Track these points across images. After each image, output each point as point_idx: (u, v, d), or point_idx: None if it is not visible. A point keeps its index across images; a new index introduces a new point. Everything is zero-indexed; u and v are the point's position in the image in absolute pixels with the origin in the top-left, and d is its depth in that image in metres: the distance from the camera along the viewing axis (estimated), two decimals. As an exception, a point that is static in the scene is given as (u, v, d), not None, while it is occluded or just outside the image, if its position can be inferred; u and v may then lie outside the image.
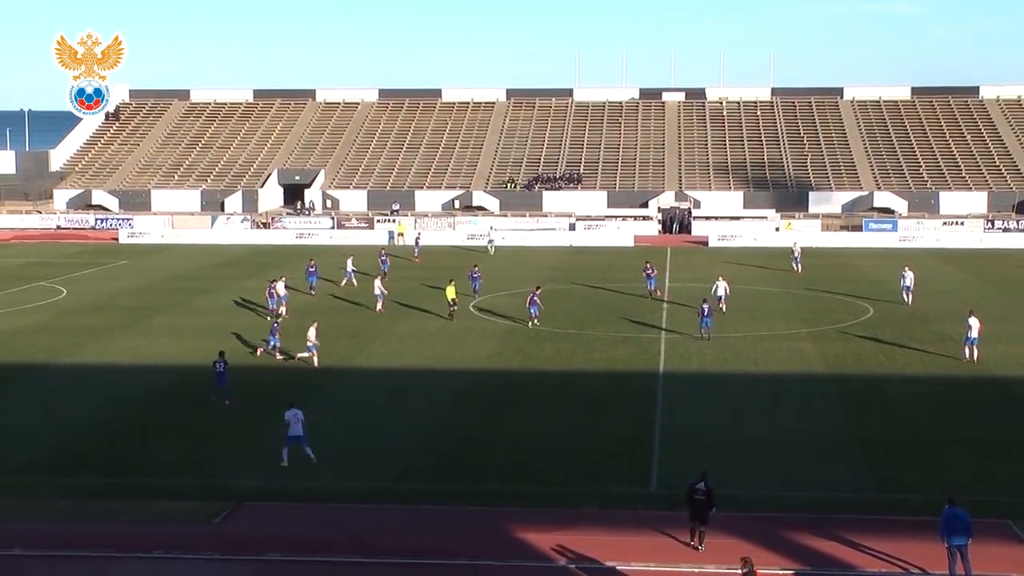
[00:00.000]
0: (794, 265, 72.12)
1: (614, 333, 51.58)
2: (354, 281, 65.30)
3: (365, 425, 36.75)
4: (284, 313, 55.30)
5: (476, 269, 63.57)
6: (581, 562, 25.55)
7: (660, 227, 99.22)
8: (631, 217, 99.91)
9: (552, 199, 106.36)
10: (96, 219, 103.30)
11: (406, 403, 39.56)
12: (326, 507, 29.31)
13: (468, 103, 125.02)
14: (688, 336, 50.50)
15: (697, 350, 47.89)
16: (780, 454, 33.59)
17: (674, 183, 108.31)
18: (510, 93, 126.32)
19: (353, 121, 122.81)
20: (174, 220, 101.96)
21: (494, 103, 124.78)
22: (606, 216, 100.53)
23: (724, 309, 55.56)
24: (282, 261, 75.78)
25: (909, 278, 59.95)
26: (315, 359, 44.42)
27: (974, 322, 45.38)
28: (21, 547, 26.54)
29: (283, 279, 59.03)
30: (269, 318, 54.11)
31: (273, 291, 56.07)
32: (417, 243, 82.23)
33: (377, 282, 58.53)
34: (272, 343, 46.41)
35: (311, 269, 63.84)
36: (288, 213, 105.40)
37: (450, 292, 55.34)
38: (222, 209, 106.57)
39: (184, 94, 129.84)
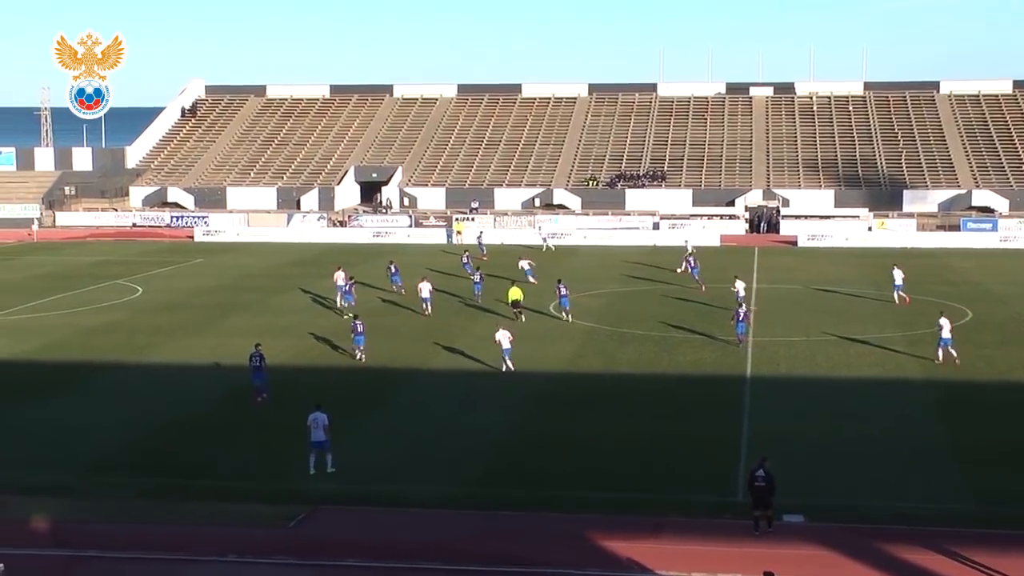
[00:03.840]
0: (684, 266, 68.53)
1: (699, 335, 51.18)
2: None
3: (443, 429, 36.82)
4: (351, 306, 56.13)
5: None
6: (664, 573, 25.33)
7: (747, 226, 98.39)
8: (717, 216, 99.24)
9: (635, 197, 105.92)
10: (172, 217, 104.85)
11: (485, 406, 39.56)
12: (403, 512, 29.37)
13: (549, 99, 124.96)
14: (778, 341, 50.03)
15: (786, 354, 47.40)
16: (873, 463, 33.09)
17: (762, 181, 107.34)
18: (592, 88, 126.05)
19: (431, 117, 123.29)
20: (250, 218, 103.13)
21: (576, 98, 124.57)
22: (691, 215, 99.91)
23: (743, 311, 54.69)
24: (359, 260, 76.17)
25: (899, 277, 59.45)
26: (506, 363, 43.88)
27: (945, 323, 45.14)
28: (97, 549, 26.95)
29: (340, 269, 60.43)
30: (346, 316, 54.72)
31: (352, 286, 57.77)
32: (480, 242, 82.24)
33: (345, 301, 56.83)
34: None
35: (394, 271, 63.91)
36: (365, 211, 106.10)
37: (513, 294, 54.94)
38: (298, 207, 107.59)
39: (260, 90, 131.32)
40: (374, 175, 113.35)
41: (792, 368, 45.25)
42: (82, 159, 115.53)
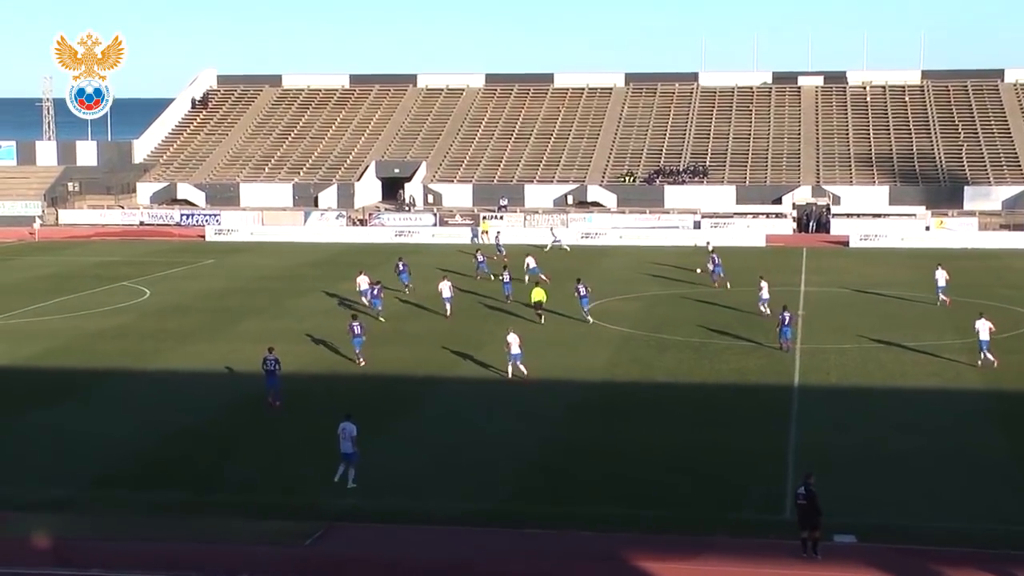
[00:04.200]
0: (709, 268, 67.89)
1: (743, 341, 51.02)
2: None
3: (468, 440, 36.82)
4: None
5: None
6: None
7: (795, 225, 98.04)
8: (763, 214, 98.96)
9: (675, 194, 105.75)
10: (181, 214, 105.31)
11: (513, 416, 39.52)
12: (426, 529, 29.37)
13: (583, 89, 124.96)
14: (828, 348, 49.84)
15: (837, 361, 47.19)
16: (930, 479, 32.89)
17: (811, 177, 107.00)
18: (629, 78, 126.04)
19: (457, 109, 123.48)
20: (264, 216, 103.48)
21: (611, 89, 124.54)
22: (735, 213, 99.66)
23: (767, 312, 55.34)
24: (380, 260, 76.23)
25: (942, 278, 59.92)
26: (510, 369, 44.27)
27: (982, 326, 45.64)
28: (100, 567, 27.03)
29: (363, 274, 60.90)
30: (382, 319, 55.53)
31: (379, 290, 57.95)
32: (498, 241, 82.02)
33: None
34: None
35: (402, 268, 64.64)
36: (387, 209, 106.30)
37: (536, 295, 55.53)
38: (316, 204, 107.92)
39: (276, 79, 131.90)
40: (396, 170, 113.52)
41: (843, 377, 45.04)
42: (86, 153, 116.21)
